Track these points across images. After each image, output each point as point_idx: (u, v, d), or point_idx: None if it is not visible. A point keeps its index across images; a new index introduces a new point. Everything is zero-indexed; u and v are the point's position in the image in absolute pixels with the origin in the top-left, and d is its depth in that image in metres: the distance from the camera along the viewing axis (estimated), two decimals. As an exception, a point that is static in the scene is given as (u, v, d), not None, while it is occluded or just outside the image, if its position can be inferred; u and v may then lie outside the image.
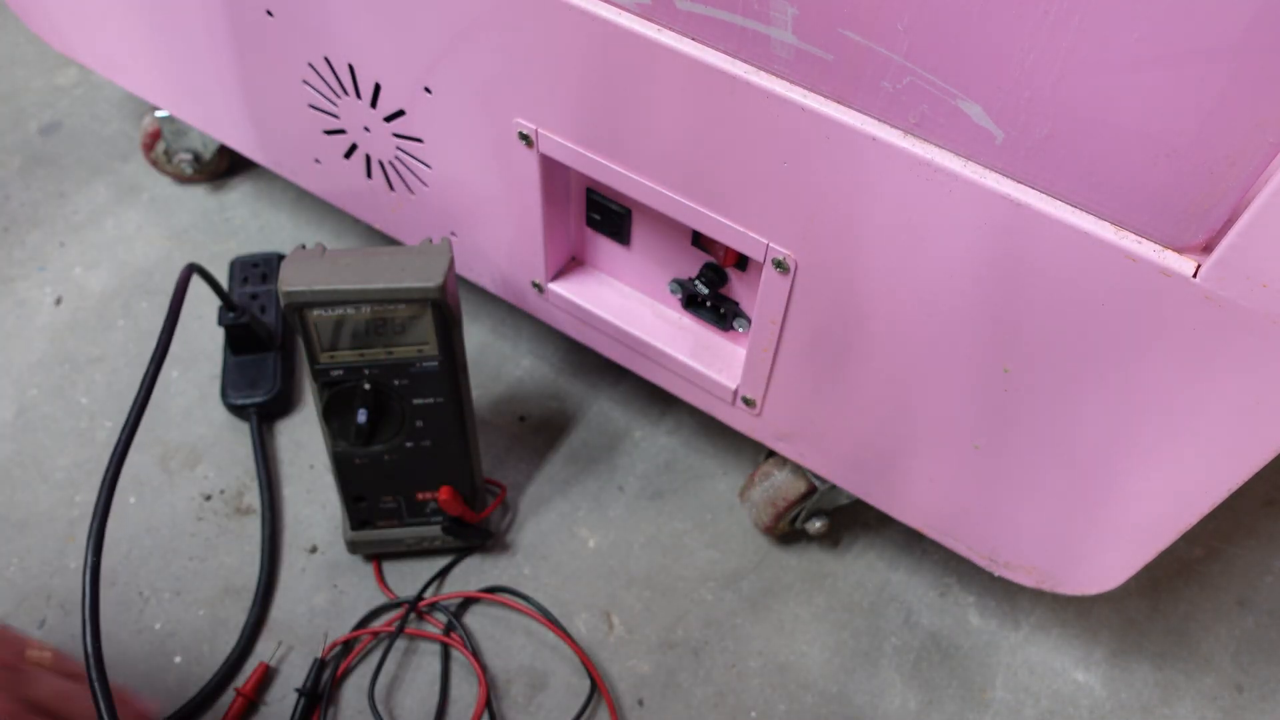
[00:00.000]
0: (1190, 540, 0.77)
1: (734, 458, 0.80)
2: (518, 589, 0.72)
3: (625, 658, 0.70)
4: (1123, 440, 0.48)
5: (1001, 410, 0.51)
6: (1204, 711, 0.70)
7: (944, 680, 0.70)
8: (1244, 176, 0.36)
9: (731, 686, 0.69)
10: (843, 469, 0.63)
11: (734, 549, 0.75)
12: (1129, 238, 0.40)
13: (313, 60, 0.65)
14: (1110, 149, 0.38)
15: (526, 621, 0.71)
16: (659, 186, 0.54)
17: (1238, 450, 0.45)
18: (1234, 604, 0.75)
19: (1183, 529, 0.50)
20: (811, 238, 0.50)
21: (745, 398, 0.63)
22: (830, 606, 0.73)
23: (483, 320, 0.88)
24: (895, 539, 0.76)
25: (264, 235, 0.93)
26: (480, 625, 0.71)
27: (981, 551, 0.61)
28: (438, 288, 0.58)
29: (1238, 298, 0.39)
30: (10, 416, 0.80)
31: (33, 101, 1.04)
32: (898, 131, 0.43)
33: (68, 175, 0.97)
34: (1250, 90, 0.34)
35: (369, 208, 0.75)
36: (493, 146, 0.60)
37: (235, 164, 0.97)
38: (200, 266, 0.67)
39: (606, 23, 0.48)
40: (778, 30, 0.43)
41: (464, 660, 0.69)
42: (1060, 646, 0.72)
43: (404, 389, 0.63)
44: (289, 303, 0.58)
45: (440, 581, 0.72)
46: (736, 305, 0.62)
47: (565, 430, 0.81)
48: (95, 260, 0.91)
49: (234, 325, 0.79)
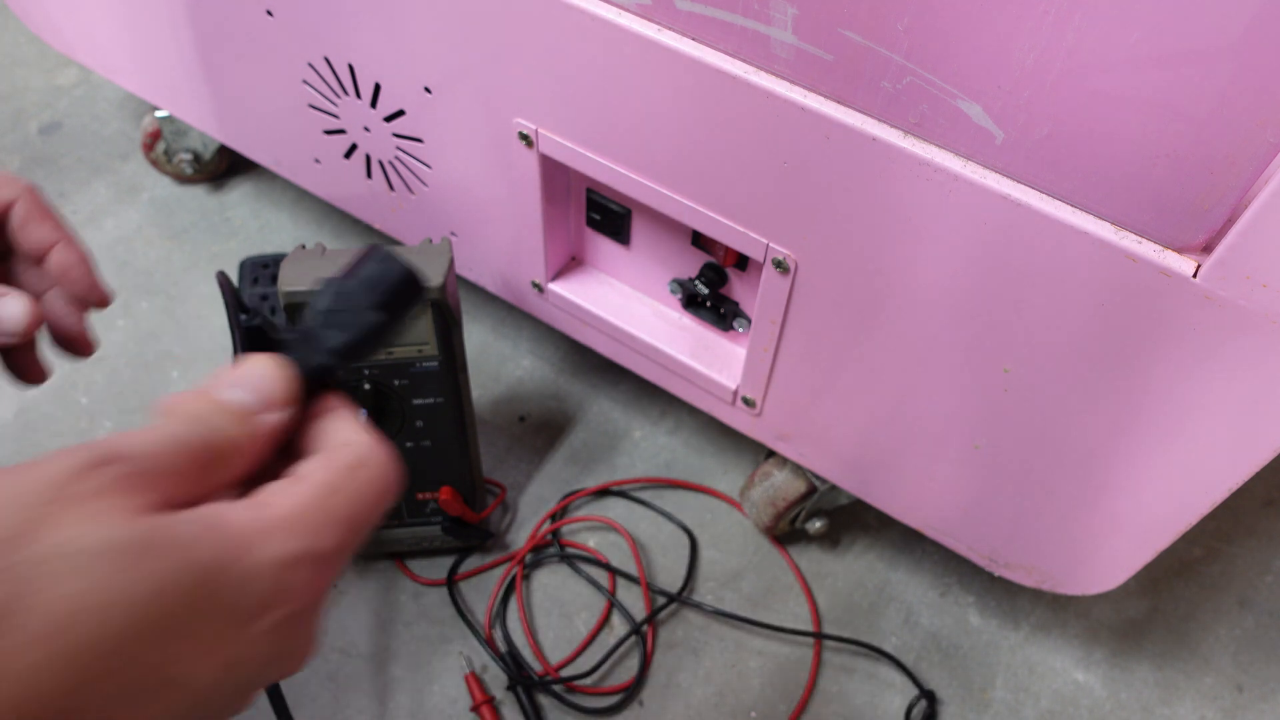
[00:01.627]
0: (1190, 540, 0.77)
1: (734, 458, 0.80)
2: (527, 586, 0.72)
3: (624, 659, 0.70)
4: (1122, 440, 0.48)
5: (1001, 410, 0.51)
6: (1204, 711, 0.70)
7: (944, 680, 0.70)
8: (1244, 176, 0.36)
9: (731, 686, 0.69)
10: (843, 469, 0.63)
11: (734, 549, 0.76)
12: (1129, 238, 0.40)
13: (313, 60, 0.65)
14: (1110, 149, 0.38)
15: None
16: (659, 186, 0.54)
17: (1238, 450, 0.45)
18: (1234, 604, 0.75)
19: (1183, 529, 0.50)
20: (811, 238, 0.50)
21: (745, 398, 0.63)
22: (830, 606, 0.73)
23: (483, 320, 0.88)
24: (895, 539, 0.76)
25: (264, 235, 0.93)
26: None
27: (981, 551, 0.61)
28: (438, 288, 0.58)
29: (1237, 298, 0.39)
30: (10, 416, 0.80)
31: (33, 101, 1.04)
32: (898, 131, 0.43)
33: (68, 175, 0.97)
34: (1250, 90, 0.34)
35: (369, 208, 0.75)
36: (493, 146, 0.60)
37: (235, 164, 0.97)
38: (225, 275, 0.67)
39: (607, 23, 0.48)
40: (778, 30, 0.43)
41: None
42: (1060, 646, 0.72)
43: (404, 389, 0.63)
44: (289, 303, 0.58)
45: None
46: (736, 305, 0.62)
47: (565, 430, 0.81)
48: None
49: (247, 327, 0.79)
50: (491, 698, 0.67)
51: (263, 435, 0.29)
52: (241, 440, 0.28)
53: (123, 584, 0.23)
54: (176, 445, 0.26)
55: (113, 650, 0.23)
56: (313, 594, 0.27)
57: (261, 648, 0.27)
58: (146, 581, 0.24)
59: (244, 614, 0.26)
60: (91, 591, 0.23)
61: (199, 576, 0.25)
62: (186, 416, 0.27)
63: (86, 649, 0.23)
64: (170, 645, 0.25)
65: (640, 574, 0.73)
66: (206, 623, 0.25)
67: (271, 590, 0.26)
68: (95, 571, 0.23)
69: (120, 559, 0.23)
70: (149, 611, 0.24)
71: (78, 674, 0.23)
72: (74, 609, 0.23)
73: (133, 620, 0.23)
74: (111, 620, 0.23)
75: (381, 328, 0.33)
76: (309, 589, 0.27)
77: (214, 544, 0.25)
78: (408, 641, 0.70)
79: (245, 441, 0.28)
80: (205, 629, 0.25)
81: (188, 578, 0.25)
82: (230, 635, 0.26)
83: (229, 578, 0.25)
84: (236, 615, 0.26)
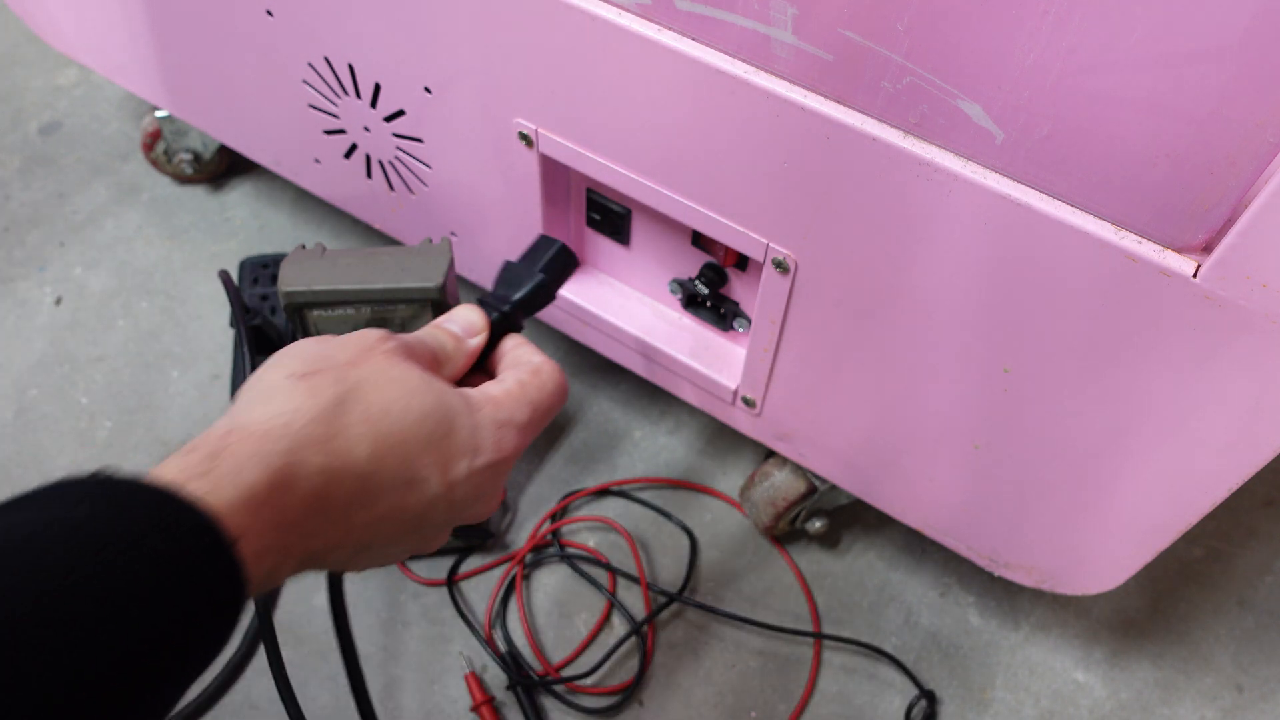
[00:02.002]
0: (1190, 540, 0.77)
1: (734, 458, 0.80)
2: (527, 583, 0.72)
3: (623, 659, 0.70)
4: (1122, 440, 0.48)
5: (1001, 410, 0.51)
6: (1204, 711, 0.70)
7: (944, 680, 0.70)
8: (1244, 176, 0.36)
9: (731, 686, 0.69)
10: (842, 469, 0.63)
11: (734, 549, 0.75)
12: (1129, 238, 0.40)
13: (313, 60, 0.65)
14: (1110, 149, 0.38)
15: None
16: (659, 187, 0.54)
17: (1237, 450, 0.45)
18: (1234, 604, 0.75)
19: (1183, 529, 0.50)
20: (812, 238, 0.50)
21: (745, 398, 0.63)
22: (830, 606, 0.73)
23: (483, 320, 0.88)
24: (895, 539, 0.76)
25: (264, 235, 0.93)
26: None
27: (981, 551, 0.61)
28: (438, 288, 0.58)
29: (1237, 298, 0.39)
30: (10, 416, 0.80)
31: (33, 101, 1.04)
32: (898, 131, 0.43)
33: (68, 175, 0.97)
34: (1250, 90, 0.34)
35: (369, 208, 0.75)
36: (493, 146, 0.60)
37: (235, 164, 0.97)
38: (226, 273, 0.67)
39: (607, 23, 0.48)
40: (778, 30, 0.43)
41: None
42: (1060, 646, 0.72)
43: (404, 389, 0.63)
44: (289, 302, 0.58)
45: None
46: (736, 305, 0.62)
47: (565, 430, 0.81)
48: (95, 260, 0.91)
49: (247, 327, 0.79)
50: (491, 698, 0.67)
51: (466, 352, 0.44)
52: (455, 353, 0.44)
53: (411, 400, 0.37)
54: (424, 342, 0.42)
55: (398, 441, 0.36)
56: (512, 450, 0.41)
57: (472, 481, 0.39)
58: (422, 404, 0.37)
59: (470, 449, 0.39)
60: (396, 399, 0.37)
61: (449, 413, 0.38)
62: (427, 333, 0.44)
63: (385, 434, 0.36)
64: (424, 452, 0.37)
65: (640, 574, 0.73)
66: (448, 445, 0.38)
67: (487, 440, 0.40)
68: (397, 388, 0.37)
69: (411, 385, 0.38)
70: (421, 423, 0.37)
71: (377, 450, 0.35)
72: (385, 406, 0.36)
73: (410, 424, 0.37)
74: (403, 420, 0.36)
75: (543, 285, 0.48)
76: (510, 446, 0.41)
77: (459, 398, 0.39)
78: (408, 642, 0.70)
79: (457, 354, 0.44)
80: (447, 449, 0.38)
81: (443, 411, 0.38)
82: (457, 461, 0.38)
83: (464, 422, 0.39)
84: (465, 448, 0.39)
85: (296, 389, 0.35)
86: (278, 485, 0.32)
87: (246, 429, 0.33)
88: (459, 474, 0.38)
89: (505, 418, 0.40)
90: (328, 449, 0.34)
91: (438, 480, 0.38)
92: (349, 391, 0.36)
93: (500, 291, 0.47)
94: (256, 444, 0.32)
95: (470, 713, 0.67)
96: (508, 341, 0.46)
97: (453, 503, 0.39)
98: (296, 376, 0.36)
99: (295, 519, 0.33)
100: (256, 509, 0.31)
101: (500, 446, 0.40)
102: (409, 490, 0.37)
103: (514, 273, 0.48)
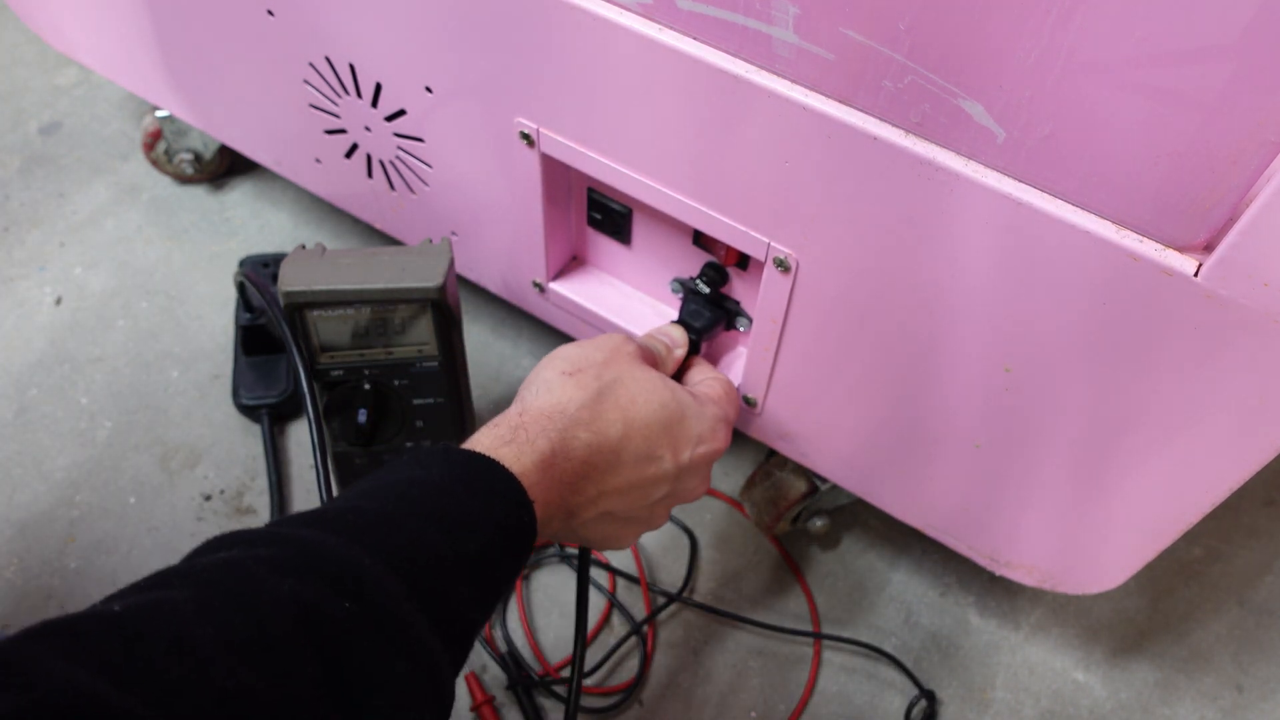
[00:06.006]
0: (1190, 540, 0.78)
1: (734, 458, 0.80)
2: (518, 589, 0.72)
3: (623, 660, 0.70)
4: (1123, 439, 0.48)
5: (1002, 409, 0.51)
6: (1204, 711, 0.70)
7: (944, 680, 0.70)
8: (1245, 175, 0.36)
9: (731, 686, 0.69)
10: (843, 468, 0.63)
11: (734, 549, 0.76)
12: (1130, 237, 0.40)
13: (313, 60, 0.65)
14: (1111, 148, 0.39)
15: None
16: (660, 186, 0.54)
17: (1238, 450, 0.45)
18: (1234, 604, 0.75)
19: (1183, 529, 0.50)
20: (813, 237, 0.50)
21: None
22: (830, 606, 0.73)
23: (483, 320, 0.88)
24: (895, 539, 0.76)
25: (264, 235, 0.93)
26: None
27: (982, 551, 0.61)
28: (438, 288, 0.58)
29: (1239, 297, 0.39)
30: (10, 416, 0.80)
31: (33, 101, 1.04)
32: (899, 131, 0.44)
33: (68, 175, 0.97)
34: (1250, 90, 0.34)
35: (369, 208, 0.75)
36: (494, 146, 0.60)
37: (235, 164, 0.97)
38: (244, 275, 0.67)
39: (608, 22, 0.48)
40: (779, 29, 0.44)
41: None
42: (1060, 646, 0.72)
43: (404, 389, 0.63)
44: (289, 303, 0.58)
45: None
46: (738, 304, 0.62)
47: (565, 430, 0.81)
48: (95, 260, 0.90)
49: (250, 326, 0.79)
50: (491, 698, 0.67)
51: (673, 360, 0.57)
52: (665, 359, 0.56)
53: (652, 395, 0.48)
54: (649, 348, 0.54)
55: (642, 424, 0.47)
56: (723, 443, 0.51)
57: (695, 464, 0.49)
58: (661, 397, 0.48)
59: (695, 438, 0.49)
60: (640, 393, 0.48)
61: (681, 406, 0.49)
62: (648, 340, 0.56)
63: (633, 419, 0.47)
64: (661, 436, 0.48)
65: (640, 574, 0.73)
66: (679, 431, 0.48)
67: (707, 431, 0.50)
68: (641, 384, 0.48)
69: (652, 383, 0.49)
70: (659, 411, 0.48)
71: (627, 430, 0.46)
72: (633, 397, 0.47)
73: (651, 412, 0.47)
74: (645, 408, 0.47)
75: (721, 320, 0.61)
76: (723, 438, 0.51)
77: (689, 394, 0.50)
78: (408, 641, 0.70)
79: (667, 361, 0.56)
80: (678, 435, 0.48)
81: (677, 404, 0.49)
82: (684, 447, 0.49)
83: (692, 414, 0.49)
84: (690, 437, 0.49)
85: (568, 383, 0.47)
86: (559, 452, 0.44)
87: (534, 410, 0.45)
88: (686, 457, 0.49)
89: (720, 414, 0.51)
90: (592, 428, 0.45)
91: (670, 459, 0.48)
92: (606, 385, 0.47)
93: (686, 319, 0.59)
94: (545, 422, 0.44)
95: (470, 713, 0.67)
96: (696, 359, 0.59)
97: (678, 479, 0.49)
98: (566, 374, 0.47)
99: (569, 479, 0.44)
100: (545, 469, 0.43)
101: (717, 437, 0.50)
102: (647, 464, 0.47)
103: (696, 304, 0.60)
